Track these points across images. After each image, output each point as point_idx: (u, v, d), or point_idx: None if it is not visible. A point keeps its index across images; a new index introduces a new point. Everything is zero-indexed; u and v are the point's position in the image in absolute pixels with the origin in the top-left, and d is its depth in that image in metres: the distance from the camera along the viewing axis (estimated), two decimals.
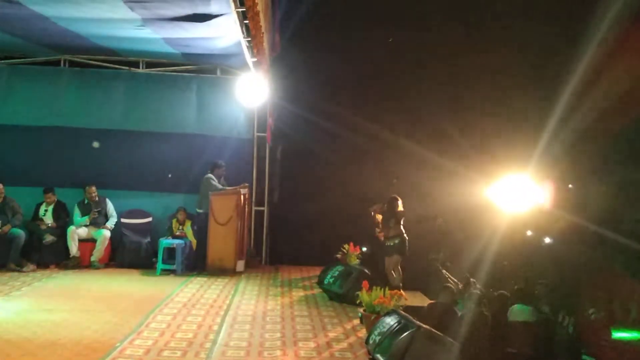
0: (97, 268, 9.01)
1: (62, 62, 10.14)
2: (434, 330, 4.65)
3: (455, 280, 8.15)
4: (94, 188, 9.33)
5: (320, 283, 8.23)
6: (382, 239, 8.42)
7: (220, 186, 9.26)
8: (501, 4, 10.66)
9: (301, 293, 8.05)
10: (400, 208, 8.33)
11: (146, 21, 7.35)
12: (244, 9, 6.32)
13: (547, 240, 12.14)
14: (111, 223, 9.39)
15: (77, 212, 9.27)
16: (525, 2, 10.75)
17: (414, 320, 4.85)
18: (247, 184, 9.49)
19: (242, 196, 9.20)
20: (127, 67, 10.25)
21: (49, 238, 8.91)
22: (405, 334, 4.65)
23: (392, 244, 8.13)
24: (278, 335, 5.79)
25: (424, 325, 4.66)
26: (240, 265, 9.19)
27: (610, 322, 7.23)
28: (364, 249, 9.05)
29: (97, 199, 9.34)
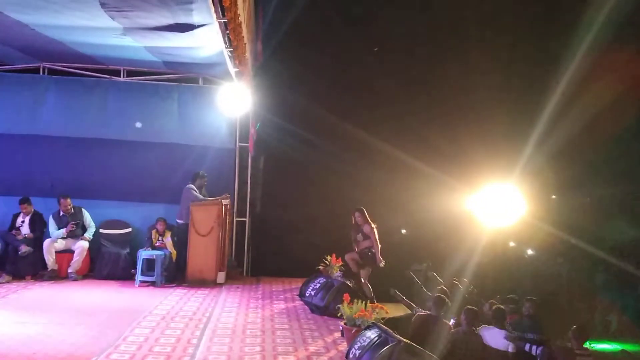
0: (75, 280, 8.84)
1: (41, 69, 10.01)
2: (414, 344, 4.62)
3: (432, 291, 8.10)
4: (69, 200, 9.14)
5: (301, 295, 8.17)
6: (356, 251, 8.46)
7: (201, 196, 9.16)
8: (487, 18, 10.79)
9: (282, 305, 7.98)
10: (366, 220, 8.36)
11: (127, 30, 7.29)
12: (226, 20, 6.28)
13: (530, 252, 12.24)
14: (90, 234, 9.22)
15: (52, 225, 9.06)
16: (512, 16, 10.88)
17: (395, 334, 4.82)
18: (228, 195, 9.41)
19: (223, 207, 9.11)
20: (107, 76, 10.15)
21: (25, 249, 8.72)
22: (385, 348, 4.62)
23: (363, 256, 8.24)
24: (258, 348, 5.71)
25: (404, 340, 4.63)
26: (221, 276, 9.09)
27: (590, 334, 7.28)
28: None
29: (72, 211, 9.15)
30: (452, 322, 6.43)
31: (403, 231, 9.81)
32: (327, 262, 8.93)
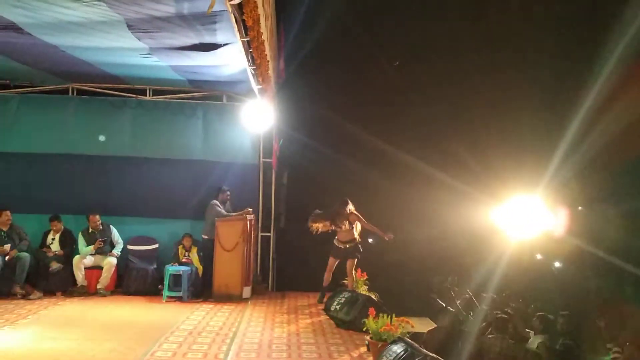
0: (104, 295, 8.99)
1: (70, 90, 10.27)
2: (440, 358, 4.59)
3: (458, 304, 8.07)
4: (97, 217, 9.33)
5: (326, 310, 8.18)
6: (339, 243, 8.91)
7: (224, 212, 9.27)
8: (514, 26, 10.73)
9: (308, 320, 7.99)
10: (352, 211, 8.80)
11: (153, 50, 7.46)
12: (249, 39, 6.39)
13: (557, 264, 12.05)
14: (118, 250, 9.38)
15: (81, 241, 9.25)
16: (539, 24, 10.81)
17: (421, 349, 4.80)
18: (250, 209, 9.45)
19: (248, 222, 9.20)
20: (134, 95, 10.36)
21: (55, 265, 8.91)
22: None
23: (347, 247, 8.82)
24: None
25: (431, 354, 4.61)
26: (247, 291, 9.15)
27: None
28: None
29: (100, 227, 9.34)
30: None
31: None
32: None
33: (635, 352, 6.25)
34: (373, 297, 8.11)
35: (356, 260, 8.93)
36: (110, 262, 9.15)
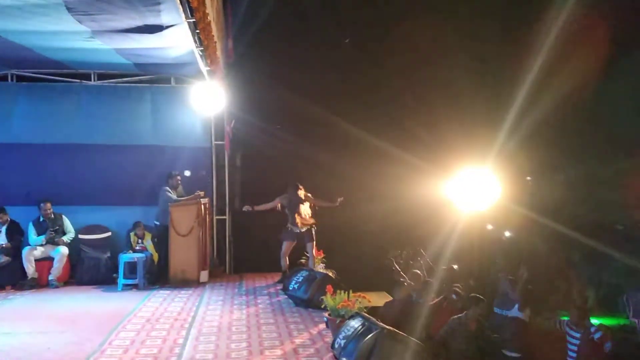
0: (56, 287, 8.78)
1: (9, 77, 9.87)
2: (397, 330, 4.71)
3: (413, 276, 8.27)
4: (49, 204, 9.09)
5: (285, 289, 8.24)
6: (295, 226, 8.99)
7: (174, 197, 9.17)
8: (462, 6, 10.89)
9: (266, 300, 8.03)
10: (305, 194, 9.03)
11: (96, 33, 7.22)
12: (195, 20, 6.28)
13: (507, 234, 12.45)
14: (68, 238, 9.17)
15: (32, 231, 8.99)
16: (482, 7, 11.01)
17: (378, 322, 4.91)
18: (199, 192, 9.33)
19: (202, 206, 9.12)
20: (77, 80, 10.04)
21: (3, 259, 8.64)
22: (369, 336, 4.71)
23: (304, 230, 8.97)
24: (244, 345, 5.77)
25: (387, 327, 4.72)
26: (204, 275, 9.11)
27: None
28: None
29: (52, 216, 9.10)
30: None
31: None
32: (308, 255, 9.01)
33: (578, 313, 6.59)
34: (330, 274, 8.21)
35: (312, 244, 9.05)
36: (61, 252, 8.93)
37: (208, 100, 9.34)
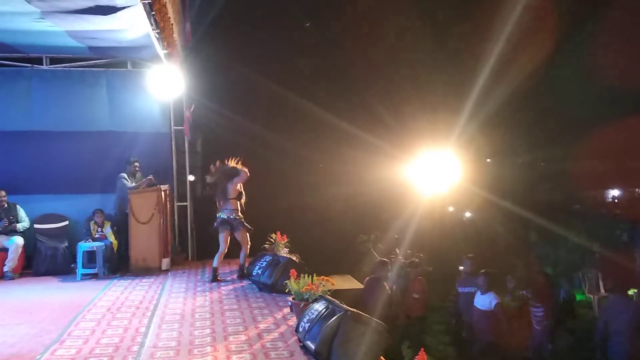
0: (12, 278, 8.51)
1: None
2: (360, 312, 4.73)
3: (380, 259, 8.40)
4: (3, 193, 8.80)
5: (248, 275, 8.18)
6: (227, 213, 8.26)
7: (130, 184, 8.97)
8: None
9: (230, 286, 7.97)
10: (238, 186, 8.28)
11: (45, 14, 6.96)
12: (150, 1, 6.10)
13: (468, 215, 12.70)
14: (22, 226, 8.89)
15: None
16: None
17: (341, 305, 4.92)
18: (151, 177, 9.09)
19: (162, 192, 8.96)
20: (29, 65, 9.68)
21: None
22: (333, 318, 4.71)
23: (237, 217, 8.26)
24: (208, 331, 5.71)
25: (351, 309, 4.73)
26: (166, 263, 8.98)
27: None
28: None
29: (6, 205, 8.81)
30: None
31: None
32: (272, 240, 8.94)
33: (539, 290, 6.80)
34: (294, 258, 8.18)
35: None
36: (16, 242, 8.65)
37: (166, 85, 9.12)
